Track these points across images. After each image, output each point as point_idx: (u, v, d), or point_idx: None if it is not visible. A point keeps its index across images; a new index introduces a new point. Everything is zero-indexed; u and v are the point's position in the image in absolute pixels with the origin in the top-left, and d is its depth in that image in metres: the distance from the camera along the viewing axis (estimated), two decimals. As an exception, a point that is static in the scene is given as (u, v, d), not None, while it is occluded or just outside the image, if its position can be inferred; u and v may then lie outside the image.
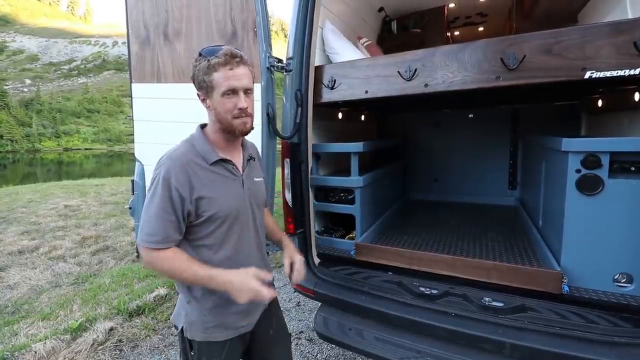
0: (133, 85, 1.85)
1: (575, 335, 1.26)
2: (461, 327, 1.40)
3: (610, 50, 1.26)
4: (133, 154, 1.94)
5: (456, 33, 3.90)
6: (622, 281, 1.41)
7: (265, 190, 1.31)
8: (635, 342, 1.20)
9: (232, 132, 1.09)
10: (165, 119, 1.81)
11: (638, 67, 1.22)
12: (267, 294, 1.01)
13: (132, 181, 1.93)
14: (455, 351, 1.39)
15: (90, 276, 3.74)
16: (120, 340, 2.46)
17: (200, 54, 1.05)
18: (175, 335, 2.58)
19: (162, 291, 3.16)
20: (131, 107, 1.86)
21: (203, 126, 1.17)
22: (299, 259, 1.26)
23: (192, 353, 1.13)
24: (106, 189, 10.27)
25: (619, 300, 1.36)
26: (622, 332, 1.24)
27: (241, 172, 1.16)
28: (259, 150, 1.49)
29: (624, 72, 1.24)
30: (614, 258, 1.40)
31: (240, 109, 1.04)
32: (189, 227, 1.06)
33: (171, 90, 1.76)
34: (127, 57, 1.92)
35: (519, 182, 3.00)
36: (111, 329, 2.53)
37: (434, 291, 1.57)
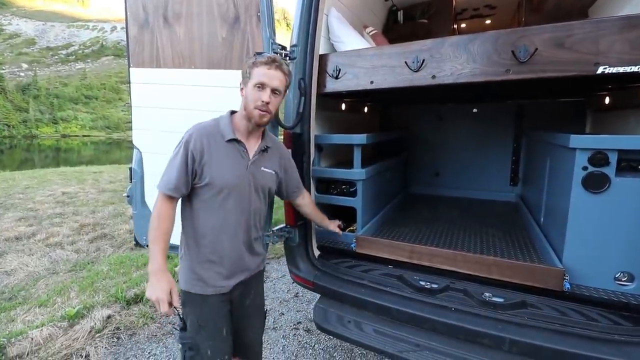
0: (131, 70, 1.80)
1: (575, 332, 1.25)
2: (461, 322, 1.40)
3: (624, 45, 1.23)
4: (131, 141, 1.91)
5: (463, 25, 3.82)
6: (623, 280, 1.40)
7: (294, 179, 1.55)
8: (634, 340, 1.20)
9: (249, 119, 1.28)
10: (165, 106, 1.76)
11: (653, 63, 1.19)
12: (163, 306, 1.17)
13: (130, 169, 1.89)
14: (455, 345, 1.39)
15: (88, 263, 3.73)
16: (118, 328, 2.46)
17: (254, 54, 1.31)
18: (173, 324, 2.58)
19: (160, 280, 3.16)
20: (129, 92, 1.81)
21: (233, 112, 1.36)
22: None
23: (181, 298, 1.32)
24: (104, 176, 10.21)
25: (619, 298, 1.35)
26: (622, 330, 1.24)
27: (250, 157, 1.32)
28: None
29: (638, 69, 1.21)
30: (616, 257, 1.39)
31: (262, 101, 1.24)
32: (192, 188, 1.27)
33: (171, 75, 1.71)
34: (125, 42, 1.87)
35: (520, 178, 2.98)
36: (109, 317, 2.52)
37: (434, 285, 1.56)
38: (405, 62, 1.59)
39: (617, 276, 1.40)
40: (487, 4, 3.32)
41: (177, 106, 1.74)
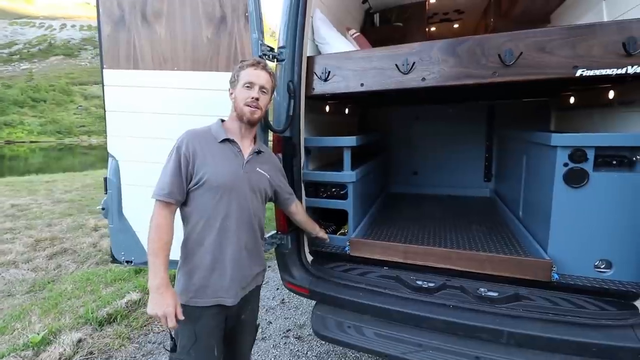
0: (105, 71, 1.64)
1: (567, 320, 1.33)
2: (460, 318, 1.43)
3: (600, 50, 1.32)
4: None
5: (432, 29, 3.96)
6: (602, 267, 1.51)
7: (286, 186, 1.56)
8: (619, 324, 1.29)
9: (241, 117, 1.31)
10: (145, 110, 1.63)
11: (625, 67, 1.29)
12: (170, 321, 1.14)
13: (105, 179, 1.74)
14: (455, 342, 1.42)
15: (49, 283, 3.41)
16: (91, 353, 2.26)
17: (240, 62, 1.35)
18: (154, 343, 2.42)
19: (135, 296, 2.95)
20: (103, 96, 1.66)
21: (223, 120, 1.38)
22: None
23: None
24: (58, 185, 9.44)
25: (601, 285, 1.45)
26: (607, 315, 1.33)
27: (244, 157, 1.33)
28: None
29: (612, 71, 1.31)
30: (595, 246, 1.50)
31: (252, 97, 1.28)
32: (188, 193, 1.26)
33: (151, 77, 1.59)
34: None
35: (493, 174, 3.14)
36: (79, 341, 2.31)
37: (431, 284, 1.58)
38: (396, 65, 1.60)
39: (596, 264, 1.51)
40: (456, 9, 3.47)
41: (158, 110, 1.63)
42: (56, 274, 3.66)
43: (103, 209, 1.76)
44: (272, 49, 1.62)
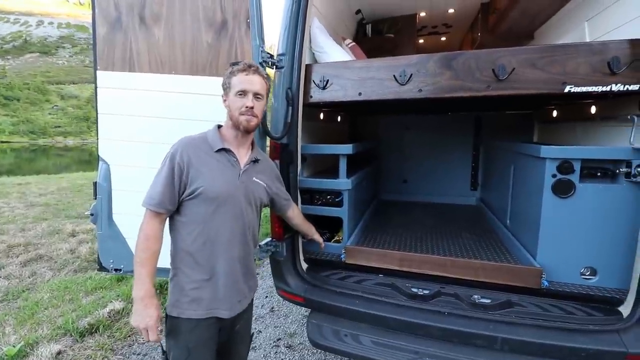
0: (98, 73, 1.59)
1: (557, 326, 1.38)
2: (454, 325, 1.45)
3: (587, 68, 1.40)
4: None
5: (421, 41, 4.08)
6: (587, 274, 1.58)
7: (283, 192, 1.55)
8: (605, 329, 1.35)
9: (237, 126, 1.27)
10: (139, 114, 1.59)
11: (609, 85, 1.37)
12: (152, 334, 1.15)
13: (95, 183, 1.67)
14: (451, 349, 1.44)
15: (23, 291, 3.22)
16: (72, 365, 2.15)
17: (229, 65, 1.31)
18: (138, 354, 2.33)
19: (117, 305, 2.83)
20: (95, 98, 1.61)
21: (220, 126, 1.35)
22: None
23: (164, 327, 1.24)
24: (32, 188, 9.01)
25: (587, 291, 1.52)
26: (594, 320, 1.39)
27: (241, 167, 1.30)
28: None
29: (597, 88, 1.39)
30: (581, 254, 1.56)
31: (247, 107, 1.24)
32: (181, 202, 1.22)
33: (147, 81, 1.55)
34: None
35: (479, 183, 3.24)
36: (59, 353, 2.19)
37: (426, 291, 1.61)
38: (394, 76, 1.64)
39: (582, 271, 1.57)
40: (445, 22, 3.60)
41: (154, 114, 1.59)
42: (31, 282, 3.47)
43: (92, 214, 1.69)
44: (271, 56, 1.62)
